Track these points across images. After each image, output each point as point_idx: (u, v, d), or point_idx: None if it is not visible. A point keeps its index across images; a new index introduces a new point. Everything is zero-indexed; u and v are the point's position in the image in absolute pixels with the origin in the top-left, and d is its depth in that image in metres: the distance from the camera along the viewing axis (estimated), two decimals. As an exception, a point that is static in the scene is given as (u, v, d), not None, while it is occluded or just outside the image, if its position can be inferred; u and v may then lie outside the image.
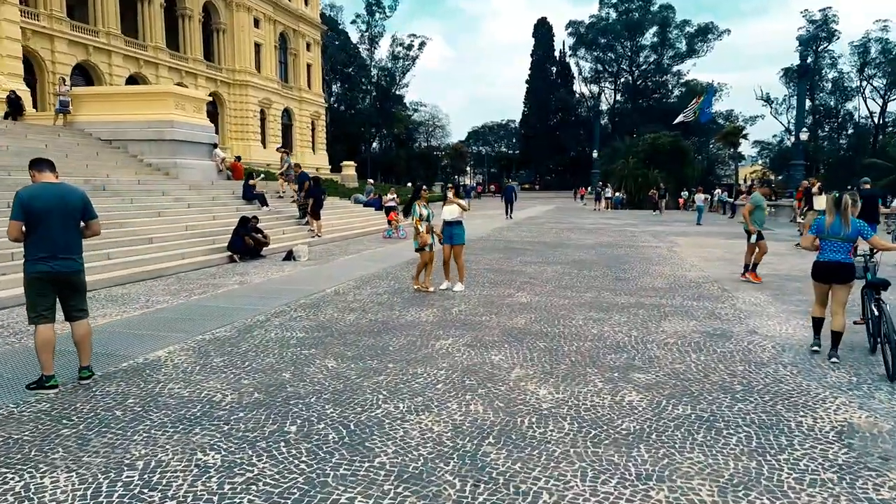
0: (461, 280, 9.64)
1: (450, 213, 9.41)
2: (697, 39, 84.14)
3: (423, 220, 9.25)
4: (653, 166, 45.16)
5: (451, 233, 9.44)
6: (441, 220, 9.60)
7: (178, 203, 15.23)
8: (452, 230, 9.45)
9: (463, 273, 9.71)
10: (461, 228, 9.58)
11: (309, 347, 6.15)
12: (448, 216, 9.39)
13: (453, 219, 9.43)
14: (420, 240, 9.24)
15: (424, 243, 9.26)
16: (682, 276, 11.23)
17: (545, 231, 21.64)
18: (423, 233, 9.22)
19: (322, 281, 10.31)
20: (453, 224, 9.45)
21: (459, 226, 9.54)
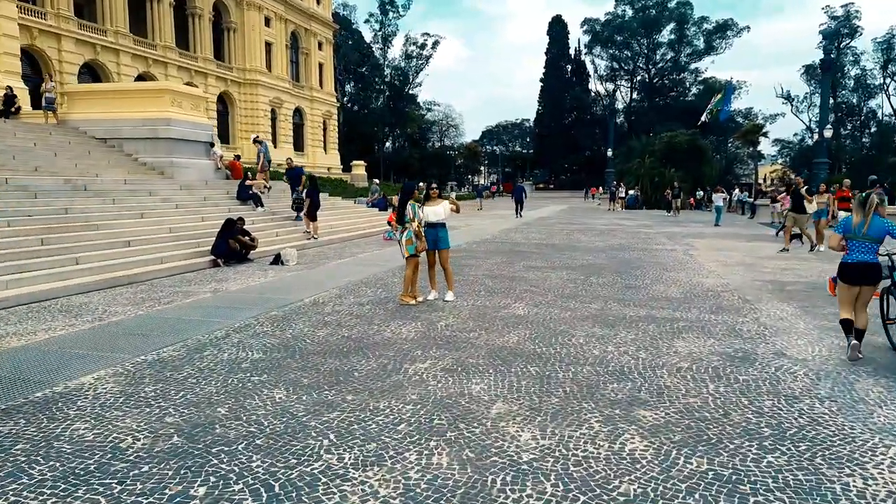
0: (450, 288, 8.76)
1: (434, 214, 8.49)
2: (716, 36, 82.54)
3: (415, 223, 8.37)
4: (669, 165, 43.97)
5: (435, 236, 8.52)
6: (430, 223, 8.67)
7: (165, 204, 14.51)
8: (437, 233, 8.53)
9: (452, 280, 8.82)
10: (446, 231, 8.67)
11: (262, 372, 5.31)
12: (433, 217, 8.49)
13: (438, 220, 8.52)
14: (421, 245, 8.34)
15: (424, 248, 8.39)
16: (698, 284, 10.25)
17: (554, 232, 20.68)
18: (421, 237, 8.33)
19: (304, 288, 9.49)
20: (438, 226, 8.54)
21: (444, 228, 8.64)
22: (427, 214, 8.45)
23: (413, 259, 8.37)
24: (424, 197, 8.61)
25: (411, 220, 8.27)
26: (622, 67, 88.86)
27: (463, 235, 19.30)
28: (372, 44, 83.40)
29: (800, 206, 15.08)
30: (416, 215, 8.30)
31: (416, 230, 8.26)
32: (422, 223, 8.34)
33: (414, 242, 8.26)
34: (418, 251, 8.33)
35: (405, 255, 8.39)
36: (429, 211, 8.47)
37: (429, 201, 8.56)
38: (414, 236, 8.24)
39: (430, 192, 8.58)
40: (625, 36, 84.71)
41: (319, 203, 16.39)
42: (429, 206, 8.50)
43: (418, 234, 8.26)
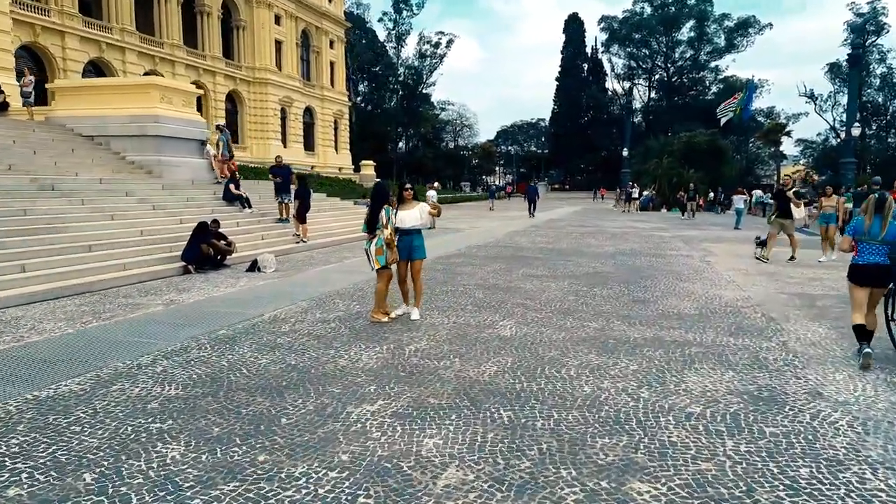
0: (417, 304, 7.66)
1: (409, 219, 7.42)
2: (737, 34, 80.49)
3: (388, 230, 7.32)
4: (688, 166, 42.56)
5: (409, 244, 7.44)
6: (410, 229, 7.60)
7: (141, 205, 13.61)
8: (412, 241, 7.46)
9: (420, 294, 7.73)
10: (421, 239, 7.59)
11: (168, 417, 4.29)
12: (408, 223, 7.42)
13: (412, 227, 7.46)
14: (392, 255, 7.31)
15: (395, 260, 7.35)
16: (715, 298, 9.09)
17: (563, 236, 19.52)
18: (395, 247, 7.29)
19: (271, 300, 8.50)
20: (412, 233, 7.47)
21: (419, 236, 7.56)
22: (400, 219, 7.40)
23: (385, 272, 7.33)
24: (397, 199, 7.54)
25: (383, 227, 7.24)
26: (640, 66, 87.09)
27: (465, 239, 18.24)
28: (385, 43, 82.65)
29: (787, 210, 13.57)
30: (389, 221, 7.26)
31: (388, 238, 7.22)
32: (394, 230, 7.31)
33: (385, 252, 7.22)
34: (389, 262, 7.29)
35: (375, 266, 7.35)
36: (403, 216, 7.40)
37: (402, 204, 7.49)
38: (385, 245, 7.20)
39: (403, 194, 7.50)
40: (643, 34, 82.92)
41: (309, 204, 15.40)
42: (402, 210, 7.44)
43: (390, 243, 7.21)
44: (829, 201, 14.17)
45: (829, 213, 13.97)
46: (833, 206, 13.99)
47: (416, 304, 7.60)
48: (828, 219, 13.97)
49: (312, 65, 57.52)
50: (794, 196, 13.45)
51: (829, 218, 13.97)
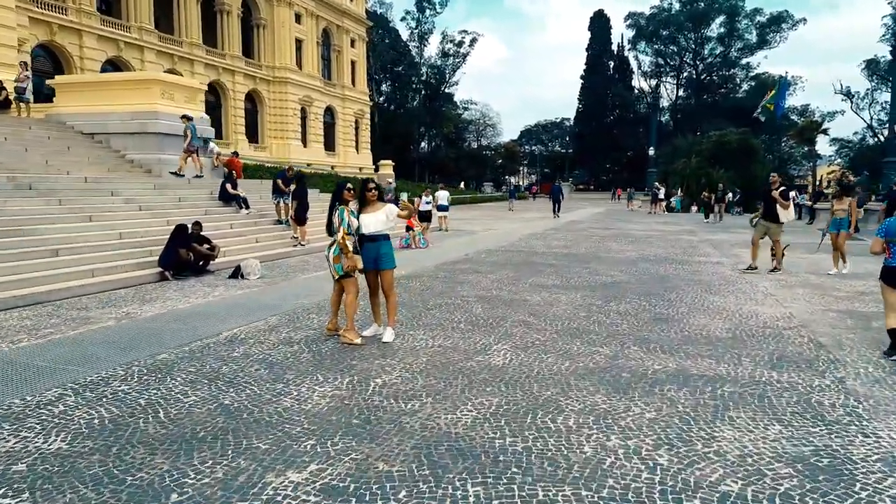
0: (390, 322, 6.52)
1: (374, 223, 6.30)
2: (769, 29, 77.84)
3: (349, 234, 6.28)
4: (717, 166, 40.83)
5: (376, 252, 6.33)
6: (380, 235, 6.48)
7: (127, 205, 12.76)
8: (378, 248, 6.34)
9: (394, 311, 6.58)
10: (389, 245, 6.46)
11: (23, 489, 3.27)
12: (372, 227, 6.31)
13: (377, 232, 6.35)
14: (348, 262, 6.26)
15: (354, 267, 6.29)
16: (751, 315, 7.84)
17: (582, 239, 18.26)
18: (352, 252, 6.23)
19: (239, 314, 7.49)
20: (379, 239, 6.36)
21: (387, 242, 6.43)
22: (364, 224, 6.32)
23: (350, 281, 6.28)
24: (360, 200, 6.46)
25: (336, 230, 6.19)
26: (668, 63, 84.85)
27: (477, 242, 17.10)
28: (408, 42, 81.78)
29: (772, 212, 11.66)
30: (343, 223, 6.20)
31: (341, 242, 6.17)
32: (351, 233, 6.24)
33: (342, 260, 6.18)
34: (347, 269, 6.23)
35: (334, 276, 6.31)
36: (366, 219, 6.31)
37: (366, 206, 6.40)
38: (337, 252, 6.18)
39: (365, 195, 6.41)
40: (671, 30, 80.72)
41: (308, 205, 14.41)
42: (366, 214, 6.35)
43: (344, 248, 6.17)
44: (841, 204, 12.11)
45: (840, 217, 11.90)
46: (845, 210, 11.94)
47: (390, 322, 6.48)
48: (839, 224, 11.86)
49: (333, 64, 56.89)
50: (781, 196, 11.58)
51: (840, 224, 11.86)
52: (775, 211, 11.63)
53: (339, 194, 6.29)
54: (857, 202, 14.15)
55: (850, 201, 12.11)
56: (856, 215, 12.12)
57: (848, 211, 11.89)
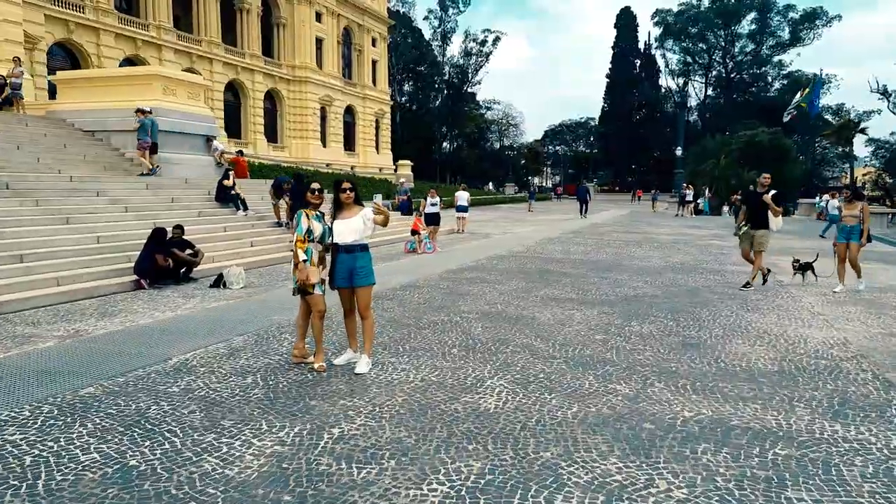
0: (366, 350, 5.48)
1: (349, 230, 5.31)
2: (802, 26, 75.30)
3: (311, 241, 5.30)
4: (748, 166, 39.15)
5: (351, 265, 5.32)
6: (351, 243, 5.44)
7: (112, 206, 11.95)
8: (354, 261, 5.32)
9: (371, 337, 5.54)
10: (367, 258, 5.43)
11: None
12: (347, 236, 5.32)
13: (353, 242, 5.34)
14: (299, 275, 5.27)
15: (306, 282, 5.28)
16: (798, 340, 6.66)
17: (604, 244, 17.06)
18: (310, 263, 5.26)
19: (203, 333, 6.53)
20: (353, 250, 5.35)
21: (364, 254, 5.40)
22: (337, 232, 5.32)
23: (314, 298, 5.31)
24: (335, 204, 5.46)
25: (301, 238, 5.23)
26: (696, 61, 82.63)
27: (490, 247, 16.02)
28: (431, 41, 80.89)
29: (762, 219, 9.98)
30: (298, 228, 5.23)
31: (294, 253, 5.21)
32: (310, 242, 5.26)
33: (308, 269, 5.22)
34: (302, 284, 5.23)
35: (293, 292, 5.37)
36: (340, 227, 5.31)
37: (340, 211, 5.40)
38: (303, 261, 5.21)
39: (339, 197, 5.40)
40: (700, 27, 78.56)
41: (307, 206, 13.45)
42: (340, 220, 5.35)
43: (294, 257, 5.23)
44: (851, 209, 10.08)
45: (849, 225, 9.98)
46: (855, 217, 9.96)
47: (365, 350, 5.46)
48: (849, 233, 9.98)
49: (354, 63, 56.24)
50: (773, 200, 9.78)
51: (850, 232, 9.97)
52: (766, 217, 9.96)
53: (301, 196, 5.31)
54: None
55: (861, 206, 10.08)
56: (868, 222, 10.10)
57: (860, 217, 9.93)
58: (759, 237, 9.97)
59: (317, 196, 5.38)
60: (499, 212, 36.90)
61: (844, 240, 10.04)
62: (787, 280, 10.92)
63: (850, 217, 10.02)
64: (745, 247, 10.30)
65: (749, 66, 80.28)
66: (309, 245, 5.28)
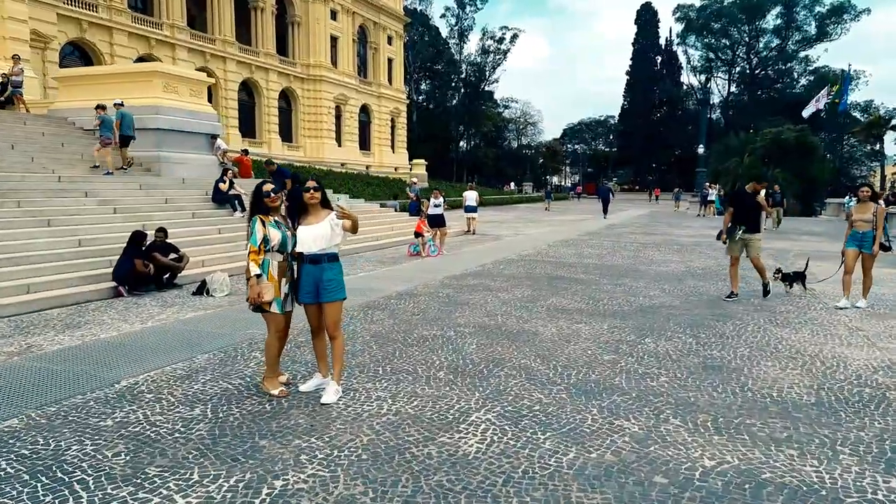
0: (335, 376, 4.74)
1: (314, 237, 4.60)
2: (830, 21, 73.26)
3: (268, 251, 4.62)
4: (773, 165, 37.87)
5: (317, 278, 4.62)
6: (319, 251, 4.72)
7: (101, 207, 11.42)
8: (321, 273, 4.62)
9: (341, 360, 4.78)
10: (337, 269, 4.71)
11: None
12: (313, 244, 4.60)
13: (320, 251, 4.64)
14: (251, 292, 4.59)
15: (257, 299, 4.58)
16: (837, 363, 5.83)
17: (619, 247, 16.22)
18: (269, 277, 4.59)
19: (164, 350, 5.89)
20: (319, 260, 4.63)
21: (333, 264, 4.68)
22: (300, 239, 4.63)
23: (271, 318, 4.64)
24: (298, 207, 4.76)
25: (255, 248, 4.56)
26: (719, 58, 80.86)
27: (500, 250, 15.26)
28: (448, 39, 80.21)
29: (755, 222, 9.16)
30: (253, 238, 4.55)
31: (252, 263, 4.53)
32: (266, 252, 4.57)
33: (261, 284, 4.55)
34: (254, 302, 4.56)
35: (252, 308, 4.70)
36: (304, 233, 4.62)
37: (305, 215, 4.71)
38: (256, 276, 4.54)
39: (304, 197, 4.69)
40: (723, 23, 76.83)
41: (306, 208, 12.82)
42: (304, 225, 4.66)
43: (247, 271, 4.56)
44: (863, 213, 8.63)
45: (861, 231, 8.58)
46: (868, 222, 8.55)
47: (334, 375, 4.75)
48: (860, 240, 8.62)
49: (369, 61, 55.76)
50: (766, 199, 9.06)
51: (862, 239, 8.61)
52: (759, 220, 9.30)
53: (258, 199, 4.64)
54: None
55: (876, 209, 8.64)
56: (882, 228, 8.61)
57: (873, 222, 8.53)
58: (755, 241, 9.12)
59: (274, 199, 4.70)
60: (515, 212, 36.09)
61: (856, 246, 8.67)
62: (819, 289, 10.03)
63: (861, 222, 8.61)
64: (735, 253, 9.18)
65: (774, 62, 78.38)
66: (266, 256, 4.61)
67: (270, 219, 4.64)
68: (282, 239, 4.62)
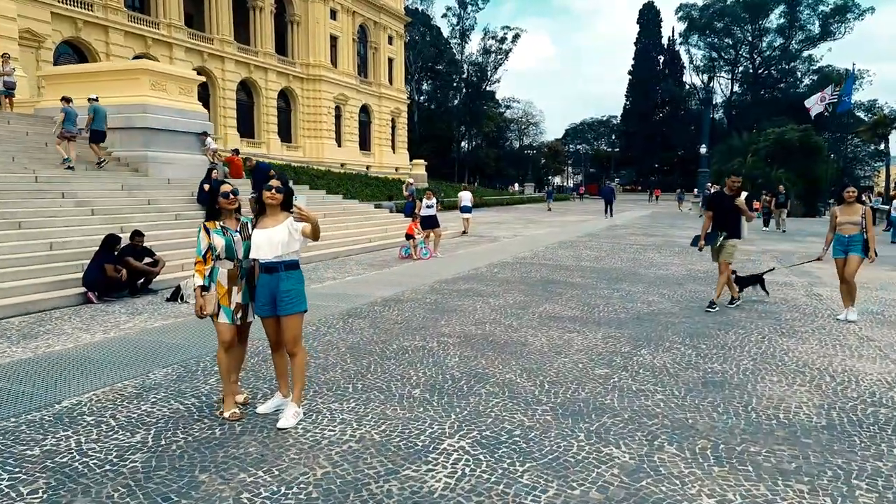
0: (295, 396, 4.29)
1: (268, 243, 4.13)
2: (833, 19, 72.64)
3: (215, 259, 4.21)
4: (776, 165, 37.36)
5: (273, 288, 4.17)
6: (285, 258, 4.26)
7: (78, 209, 10.98)
8: (277, 282, 4.16)
9: (301, 379, 4.31)
10: (292, 279, 4.22)
11: None
12: (268, 251, 4.13)
13: (276, 258, 4.17)
14: (199, 304, 4.22)
15: (199, 314, 4.23)
16: (849, 378, 5.37)
17: (619, 248, 15.75)
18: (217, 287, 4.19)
19: (120, 364, 5.45)
20: (276, 269, 4.17)
21: (293, 273, 4.22)
22: (255, 245, 4.18)
23: (223, 328, 4.23)
24: (257, 208, 4.31)
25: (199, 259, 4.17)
26: (722, 57, 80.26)
27: (496, 252, 14.81)
28: (449, 39, 79.80)
29: (735, 226, 8.43)
30: (197, 248, 4.16)
31: (195, 274, 4.15)
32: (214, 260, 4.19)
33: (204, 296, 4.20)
34: (200, 313, 4.22)
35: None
36: (260, 238, 4.16)
37: (263, 217, 4.25)
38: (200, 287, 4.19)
39: (263, 197, 4.20)
40: (726, 22, 76.20)
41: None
42: (261, 229, 4.19)
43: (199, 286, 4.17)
44: (849, 215, 7.79)
45: (847, 235, 7.77)
46: (855, 225, 7.73)
47: (294, 396, 4.29)
48: (846, 245, 7.79)
49: (370, 61, 55.33)
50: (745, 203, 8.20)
51: (849, 243, 7.77)
52: (738, 224, 8.50)
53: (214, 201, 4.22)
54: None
55: (863, 211, 7.79)
56: (872, 231, 7.75)
57: (861, 225, 7.70)
58: (729, 247, 8.33)
59: (230, 202, 4.27)
60: (515, 212, 35.62)
61: (843, 254, 7.84)
62: (826, 294, 9.55)
63: (849, 224, 7.78)
64: (725, 258, 8.46)
65: (777, 62, 77.78)
66: (216, 264, 4.18)
67: (216, 224, 4.22)
68: (226, 245, 4.18)
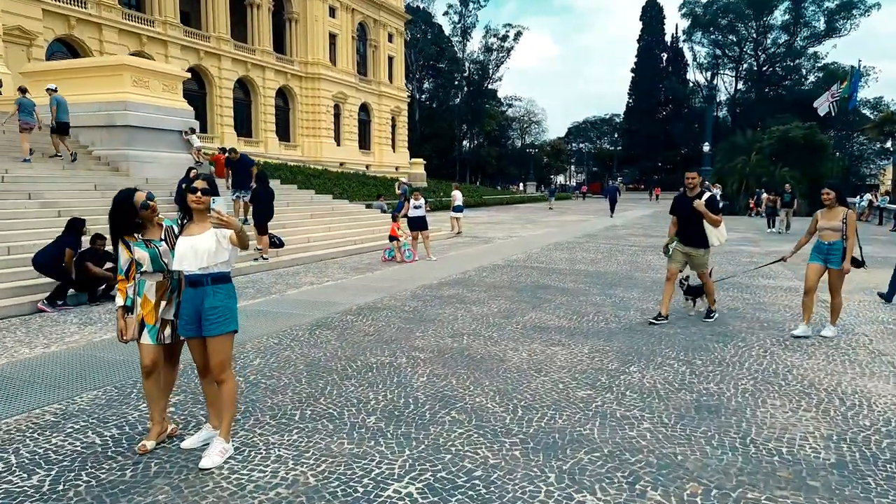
0: (222, 431, 3.73)
1: (192, 254, 3.56)
2: (839, 16, 71.72)
3: (140, 273, 3.70)
4: (780, 163, 36.72)
5: (194, 306, 3.63)
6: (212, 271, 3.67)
7: (43, 210, 10.47)
8: (202, 299, 3.61)
9: (230, 409, 3.73)
10: (220, 294, 3.65)
11: None
12: (192, 261, 3.57)
13: (200, 271, 3.59)
14: (119, 326, 3.75)
15: (124, 335, 3.77)
16: (860, 401, 4.80)
17: (617, 250, 15.16)
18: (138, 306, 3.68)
19: (49, 386, 4.91)
20: (201, 283, 3.62)
21: (221, 288, 3.66)
22: (179, 256, 3.62)
23: (146, 350, 3.70)
24: (184, 214, 3.77)
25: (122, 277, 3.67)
26: (726, 54, 79.37)
27: (487, 254, 14.24)
28: (451, 37, 79.21)
29: (696, 233, 7.42)
30: (118, 264, 3.67)
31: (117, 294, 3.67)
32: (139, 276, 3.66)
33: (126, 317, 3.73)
34: (121, 338, 3.76)
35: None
36: (183, 247, 3.60)
37: (189, 224, 3.71)
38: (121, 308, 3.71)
39: (189, 200, 3.66)
40: (730, 19, 75.32)
41: (273, 210, 11.86)
42: (186, 236, 3.64)
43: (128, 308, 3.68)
44: (832, 218, 6.88)
45: (829, 242, 6.88)
46: (836, 230, 6.82)
47: (222, 430, 3.73)
48: (826, 253, 6.91)
49: (369, 59, 54.78)
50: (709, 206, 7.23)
51: (829, 251, 6.88)
52: (702, 230, 7.39)
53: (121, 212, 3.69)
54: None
55: (845, 214, 6.83)
56: (854, 237, 6.82)
57: (842, 231, 6.78)
58: (699, 257, 7.48)
59: (150, 212, 3.74)
60: (514, 212, 35.03)
61: (821, 261, 6.95)
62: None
63: (829, 231, 6.88)
64: (675, 267, 7.60)
65: (782, 59, 76.87)
66: (141, 278, 3.65)
67: (136, 237, 3.68)
68: (151, 258, 3.65)
